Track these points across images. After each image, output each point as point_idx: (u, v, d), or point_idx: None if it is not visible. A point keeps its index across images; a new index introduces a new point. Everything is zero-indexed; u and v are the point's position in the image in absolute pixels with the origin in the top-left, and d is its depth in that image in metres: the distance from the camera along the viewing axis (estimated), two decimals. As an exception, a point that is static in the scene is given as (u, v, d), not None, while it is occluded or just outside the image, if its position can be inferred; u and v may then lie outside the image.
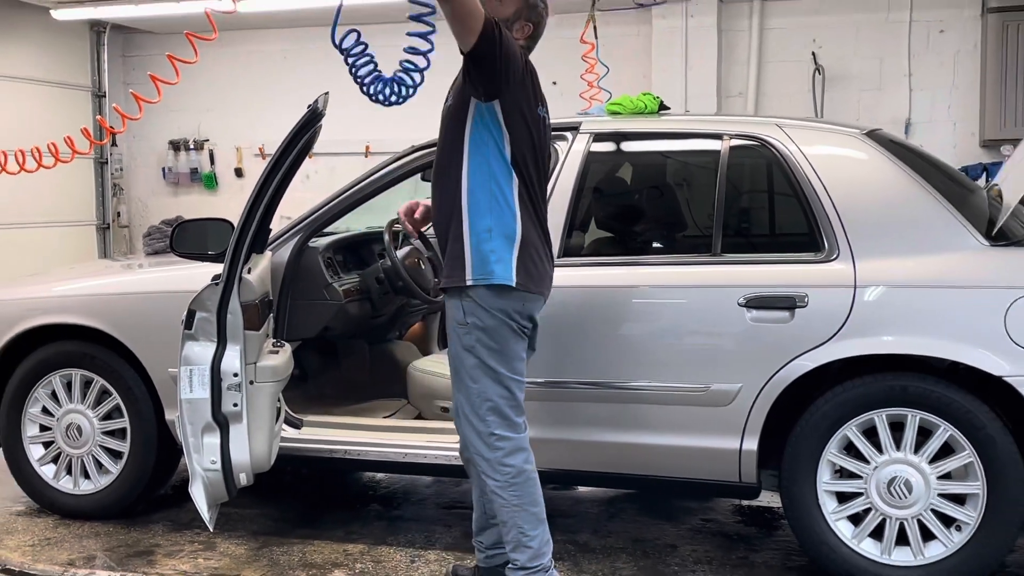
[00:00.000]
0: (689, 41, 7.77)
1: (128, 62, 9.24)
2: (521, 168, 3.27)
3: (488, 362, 3.27)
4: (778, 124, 3.97)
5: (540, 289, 3.35)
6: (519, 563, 3.31)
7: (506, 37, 3.13)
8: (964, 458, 3.53)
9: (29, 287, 4.80)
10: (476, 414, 3.31)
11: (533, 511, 3.32)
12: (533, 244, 3.30)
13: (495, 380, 3.28)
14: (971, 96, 7.52)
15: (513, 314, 3.27)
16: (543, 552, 3.33)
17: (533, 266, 3.29)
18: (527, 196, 3.30)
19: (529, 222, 3.30)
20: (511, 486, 3.30)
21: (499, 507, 3.33)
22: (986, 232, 3.66)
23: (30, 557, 4.14)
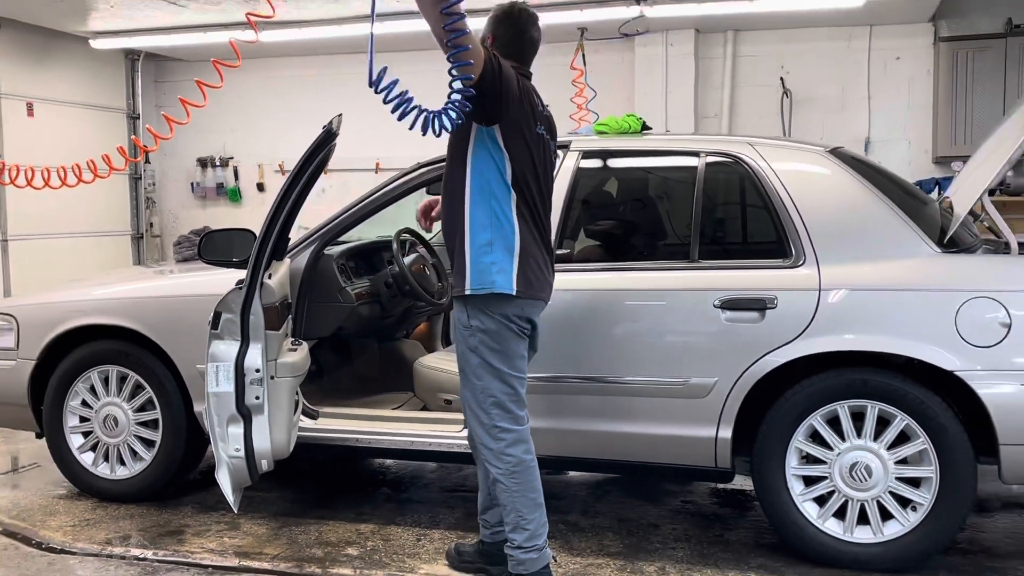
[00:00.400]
0: (669, 67, 7.78)
1: (160, 87, 9.24)
2: (521, 185, 3.26)
3: (491, 361, 3.27)
4: (750, 142, 3.97)
5: (540, 295, 3.34)
6: (516, 542, 3.32)
7: (503, 67, 3.12)
8: (919, 445, 3.54)
9: (70, 291, 4.79)
10: (481, 408, 3.31)
11: (531, 496, 3.32)
12: (532, 254, 3.29)
13: (498, 377, 3.28)
14: (924, 117, 7.54)
15: (513, 318, 3.27)
16: (539, 534, 3.33)
17: (533, 274, 3.28)
18: (527, 210, 3.29)
19: (528, 234, 3.29)
20: (512, 474, 3.30)
21: (501, 492, 3.34)
22: (938, 240, 3.67)
23: (71, 536, 4.13)
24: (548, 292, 3.41)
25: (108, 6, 6.73)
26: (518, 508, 3.31)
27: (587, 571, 3.69)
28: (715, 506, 4.50)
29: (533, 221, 3.32)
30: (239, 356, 3.71)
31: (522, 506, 3.31)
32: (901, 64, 7.60)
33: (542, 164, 3.36)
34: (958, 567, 3.72)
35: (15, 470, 5.25)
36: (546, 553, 3.35)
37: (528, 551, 3.31)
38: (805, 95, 7.75)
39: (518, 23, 3.38)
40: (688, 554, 3.87)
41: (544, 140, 3.38)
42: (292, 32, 7.31)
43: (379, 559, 3.83)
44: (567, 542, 3.99)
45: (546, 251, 3.41)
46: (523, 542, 3.31)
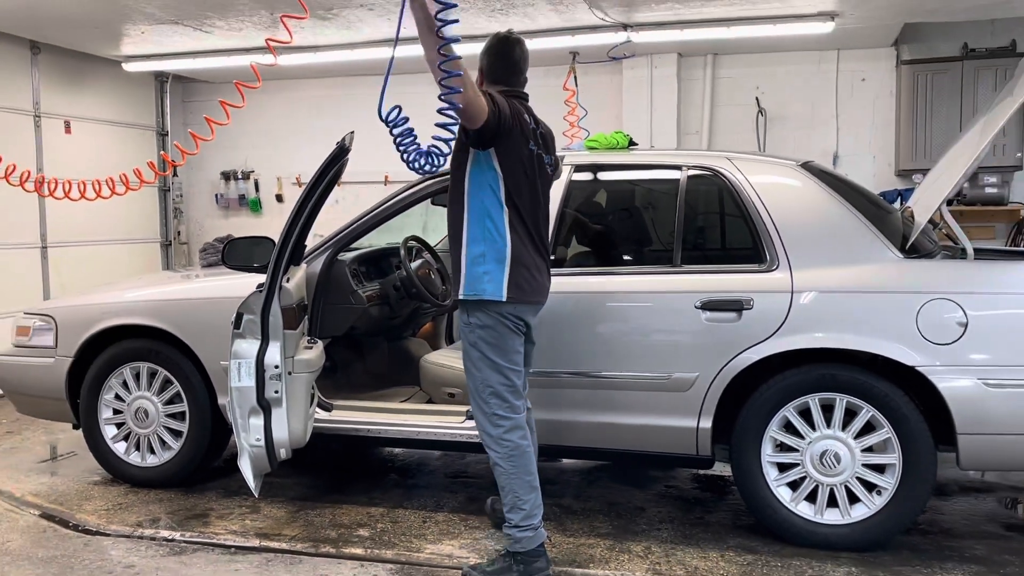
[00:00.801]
0: (653, 88, 7.77)
1: (187, 106, 9.22)
2: (514, 200, 3.27)
3: (488, 355, 3.29)
4: (728, 157, 3.97)
5: (531, 299, 3.34)
6: (513, 522, 3.32)
7: (501, 107, 3.16)
8: (883, 434, 3.54)
9: (104, 294, 4.78)
10: (480, 397, 3.33)
11: (527, 479, 3.32)
12: (524, 262, 3.30)
13: (495, 369, 3.30)
14: (887, 134, 7.53)
15: (507, 316, 3.28)
16: (534, 514, 3.33)
17: (524, 281, 3.29)
18: (519, 223, 3.30)
19: (520, 244, 3.29)
20: (509, 458, 3.31)
21: (499, 475, 3.34)
22: (901, 247, 3.67)
23: (105, 519, 4.12)
24: (542, 295, 3.41)
25: (139, 32, 6.72)
26: (515, 489, 3.31)
27: (579, 550, 3.69)
28: (696, 491, 4.50)
29: (526, 232, 3.32)
30: (260, 353, 3.71)
31: (518, 487, 3.31)
32: (866, 85, 7.60)
33: (534, 178, 3.36)
34: (919, 546, 3.72)
35: (54, 458, 5.24)
36: (540, 532, 3.34)
37: (524, 530, 3.31)
38: (778, 113, 7.75)
39: (500, 50, 3.42)
40: (672, 535, 3.86)
41: (536, 156, 3.37)
42: (308, 56, 7.30)
43: (388, 540, 3.82)
44: (561, 524, 3.99)
45: (540, 257, 3.40)
46: (519, 521, 3.31)
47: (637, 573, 3.46)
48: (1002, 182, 6.82)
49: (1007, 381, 3.41)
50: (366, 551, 3.70)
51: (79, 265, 7.75)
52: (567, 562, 3.56)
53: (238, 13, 6.10)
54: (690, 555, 3.63)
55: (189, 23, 6.41)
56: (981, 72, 6.84)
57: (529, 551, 3.32)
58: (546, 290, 3.44)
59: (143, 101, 8.71)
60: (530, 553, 3.32)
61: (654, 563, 3.55)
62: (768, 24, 6.37)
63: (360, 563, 3.60)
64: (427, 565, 3.57)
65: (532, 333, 3.46)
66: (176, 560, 3.66)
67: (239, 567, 3.58)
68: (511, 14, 6.11)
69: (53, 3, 5.91)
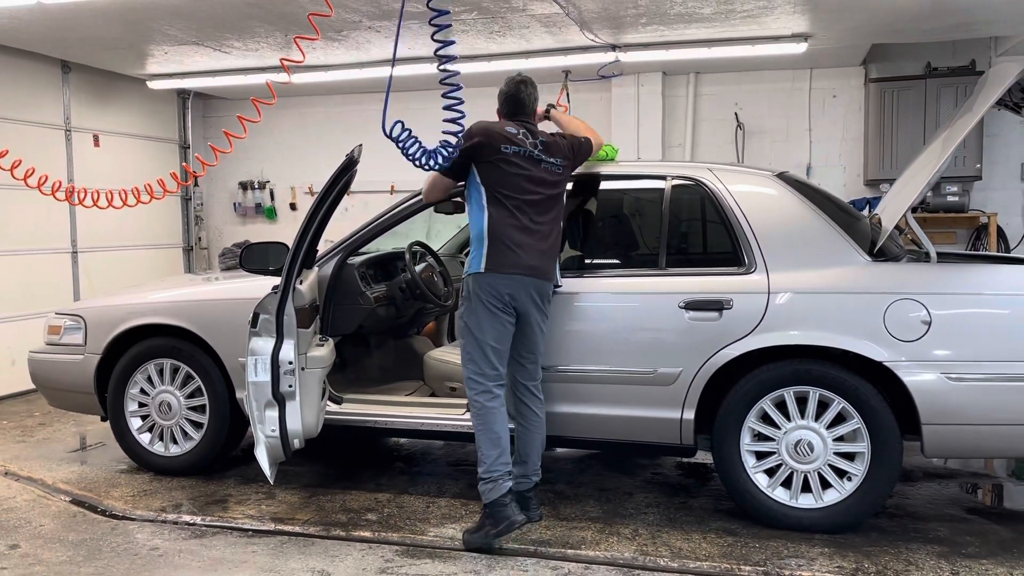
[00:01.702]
0: (640, 104, 7.77)
1: (207, 121, 9.21)
2: (499, 199, 3.52)
3: (470, 326, 3.53)
4: (709, 168, 3.97)
5: (505, 270, 3.49)
6: (479, 474, 3.51)
7: (469, 154, 3.49)
8: (853, 425, 3.54)
9: (130, 295, 4.78)
10: (463, 363, 3.58)
11: (490, 437, 3.49)
12: (504, 240, 3.49)
13: (472, 339, 3.52)
14: (857, 146, 7.54)
15: (484, 290, 3.46)
16: (495, 469, 3.48)
17: (502, 255, 3.48)
18: (507, 213, 3.51)
19: (504, 227, 3.49)
20: (478, 415, 3.53)
21: (474, 430, 3.55)
22: (869, 250, 3.68)
23: (130, 504, 4.11)
24: (520, 269, 3.52)
25: (163, 52, 6.71)
26: (480, 444, 3.51)
27: (572, 533, 3.68)
28: (680, 477, 4.50)
29: (511, 216, 3.51)
30: (275, 350, 3.70)
31: (483, 442, 3.49)
32: (837, 101, 7.60)
33: (521, 174, 3.53)
34: (887, 528, 3.72)
35: (83, 448, 5.23)
36: (501, 485, 3.45)
37: (485, 482, 3.47)
38: (756, 127, 7.75)
39: (509, 90, 3.72)
40: (658, 518, 3.86)
41: (526, 155, 3.55)
42: (320, 75, 7.29)
43: (394, 523, 3.81)
44: (555, 508, 3.98)
45: (528, 237, 3.54)
46: (482, 473, 3.48)
47: (625, 554, 3.46)
48: (963, 191, 6.83)
49: (968, 375, 3.41)
50: (374, 534, 3.69)
51: (107, 268, 7.73)
52: (560, 544, 3.56)
53: (254, 35, 6.09)
54: (675, 537, 3.63)
55: (209, 44, 6.40)
56: (943, 89, 6.85)
57: (492, 501, 3.45)
58: (529, 267, 3.53)
59: (166, 116, 8.69)
60: (494, 503, 3.45)
61: (641, 545, 3.55)
62: (746, 45, 6.37)
63: (368, 545, 3.59)
64: (430, 547, 3.56)
65: (529, 317, 3.56)
66: (197, 543, 3.65)
67: (256, 549, 3.58)
68: (508, 35, 6.11)
69: (83, 26, 5.90)
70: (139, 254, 8.25)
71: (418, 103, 4.66)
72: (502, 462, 3.49)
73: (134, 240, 8.16)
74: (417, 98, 4.95)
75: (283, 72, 4.99)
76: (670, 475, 4.53)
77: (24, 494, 4.32)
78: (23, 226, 6.89)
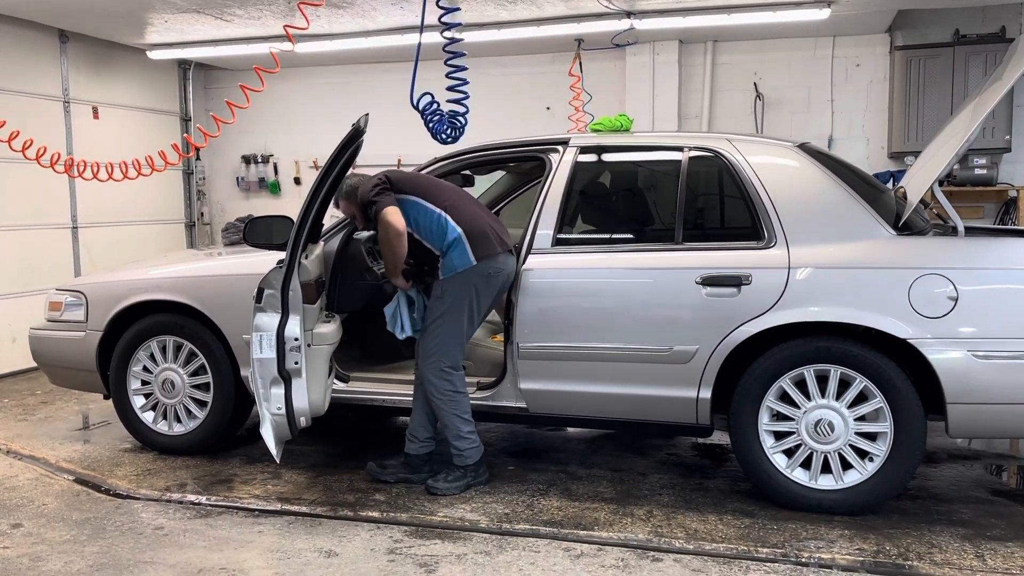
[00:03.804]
0: (656, 74, 7.70)
1: (208, 92, 9.18)
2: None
3: (451, 324, 3.89)
4: (728, 139, 3.94)
5: (496, 250, 3.84)
6: (458, 442, 3.98)
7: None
8: (875, 404, 3.53)
9: (132, 271, 4.79)
10: (435, 357, 3.90)
11: (466, 416, 3.95)
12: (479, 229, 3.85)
13: (454, 337, 3.91)
14: (881, 117, 7.45)
15: (480, 283, 3.82)
16: (475, 435, 3.96)
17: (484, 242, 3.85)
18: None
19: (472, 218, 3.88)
20: (452, 402, 3.91)
21: (443, 411, 3.92)
22: (893, 224, 3.64)
23: (135, 484, 4.15)
24: (503, 246, 3.90)
25: (163, 21, 6.68)
26: (455, 423, 3.92)
27: (584, 514, 3.69)
28: (696, 458, 4.50)
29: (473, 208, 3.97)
30: (280, 327, 3.71)
31: (459, 422, 3.93)
32: (860, 70, 7.51)
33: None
34: (909, 510, 3.71)
35: (86, 427, 5.27)
36: (480, 447, 4.01)
37: (470, 443, 3.96)
38: (775, 98, 7.67)
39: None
40: (673, 499, 3.87)
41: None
42: (325, 44, 7.25)
43: (403, 503, 3.83)
44: (567, 489, 3.99)
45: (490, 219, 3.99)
46: (466, 434, 3.95)
47: (640, 535, 3.47)
48: (991, 163, 6.75)
49: (995, 353, 3.39)
50: (382, 514, 3.71)
51: (108, 244, 7.76)
52: (572, 525, 3.57)
53: (257, 2, 6.05)
54: (690, 518, 3.64)
55: (210, 12, 6.36)
56: (972, 57, 6.75)
57: (480, 459, 3.98)
58: (504, 242, 3.93)
59: (167, 87, 8.67)
60: (480, 461, 3.99)
61: (656, 526, 3.56)
62: (767, 11, 6.30)
63: (376, 525, 3.61)
64: (440, 527, 3.58)
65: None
66: (203, 522, 3.68)
67: (262, 529, 3.60)
68: (519, 2, 6.05)
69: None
70: (141, 230, 8.27)
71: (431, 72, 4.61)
72: (475, 431, 3.98)
73: (136, 215, 8.18)
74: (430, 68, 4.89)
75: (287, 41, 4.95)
76: (685, 456, 4.53)
77: (27, 473, 4.36)
78: (22, 200, 6.91)
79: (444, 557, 3.30)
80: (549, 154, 4.09)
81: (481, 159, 4.32)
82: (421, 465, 4.08)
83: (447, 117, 3.18)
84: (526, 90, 7.95)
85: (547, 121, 7.84)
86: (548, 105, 7.88)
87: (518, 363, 3.90)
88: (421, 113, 3.00)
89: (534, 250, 3.93)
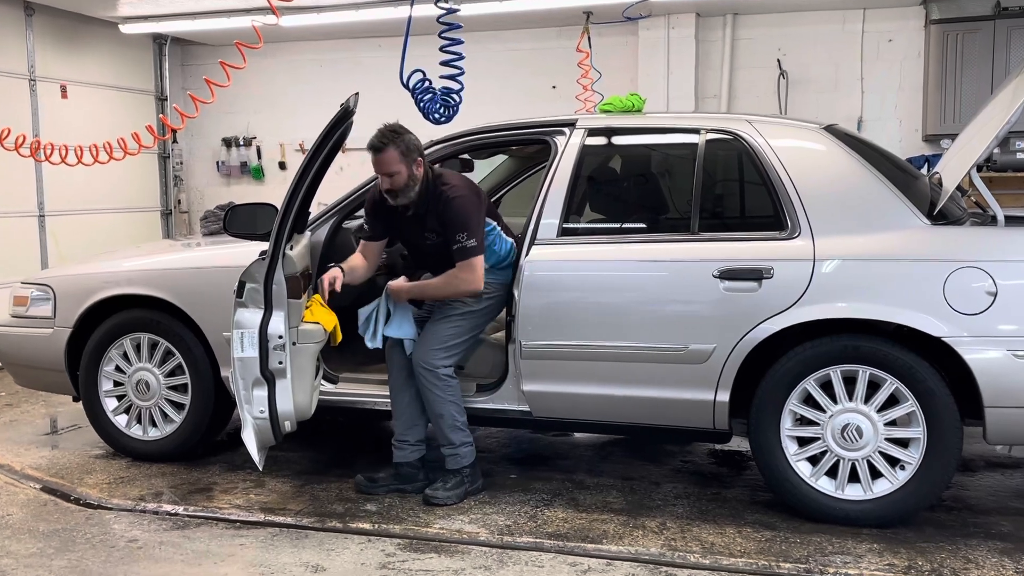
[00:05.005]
0: (671, 50, 7.70)
1: (186, 70, 9.20)
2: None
3: (473, 329, 4.02)
4: (748, 120, 3.93)
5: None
6: (452, 446, 4.03)
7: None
8: (907, 407, 3.53)
9: (104, 263, 4.80)
10: (440, 361, 3.95)
11: (464, 417, 4.02)
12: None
13: (471, 343, 4.07)
14: (915, 97, 7.45)
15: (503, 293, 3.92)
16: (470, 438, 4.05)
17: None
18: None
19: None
20: (456, 405, 3.97)
21: (436, 414, 3.98)
22: (928, 213, 3.64)
23: (107, 493, 4.16)
24: None
25: (136, -8, 6.70)
26: (448, 428, 3.97)
27: (592, 526, 3.70)
28: (713, 466, 4.50)
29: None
30: (263, 323, 3.71)
31: (454, 428, 3.97)
32: (893, 46, 7.50)
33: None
34: (943, 523, 3.72)
35: (55, 432, 5.28)
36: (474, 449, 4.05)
37: (467, 446, 4.01)
38: (800, 76, 7.67)
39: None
40: (688, 510, 3.87)
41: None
42: (311, 17, 7.25)
43: (395, 515, 3.84)
44: (573, 499, 4.00)
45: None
46: (466, 438, 4.00)
47: (652, 549, 3.47)
48: (1034, 147, 6.75)
49: (1037, 353, 3.39)
50: (374, 526, 3.72)
51: (77, 234, 7.78)
52: (579, 537, 3.58)
53: (238, -29, 6.06)
54: (706, 531, 3.64)
55: (188, -18, 6.37)
56: (1014, 32, 6.74)
57: (474, 460, 4.01)
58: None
59: (141, 65, 8.68)
60: (475, 463, 4.01)
61: (669, 539, 3.57)
62: (791, -19, 6.29)
63: (368, 538, 3.63)
64: (436, 540, 3.59)
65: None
66: (180, 534, 3.69)
67: (244, 542, 3.61)
68: (522, -29, 6.05)
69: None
70: (113, 218, 8.29)
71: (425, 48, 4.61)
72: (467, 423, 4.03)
73: (107, 203, 8.19)
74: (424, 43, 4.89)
75: (271, 13, 4.95)
76: (701, 463, 4.54)
77: (-10, 481, 4.37)
78: (-16, 187, 6.93)
79: (440, 572, 3.30)
80: (555, 137, 4.09)
81: (481, 142, 4.32)
82: (414, 474, 4.07)
83: (439, 95, 3.16)
84: (530, 67, 7.95)
85: (553, 101, 7.84)
86: (554, 84, 7.89)
87: (520, 363, 3.90)
88: (411, 91, 2.99)
89: (538, 241, 3.93)
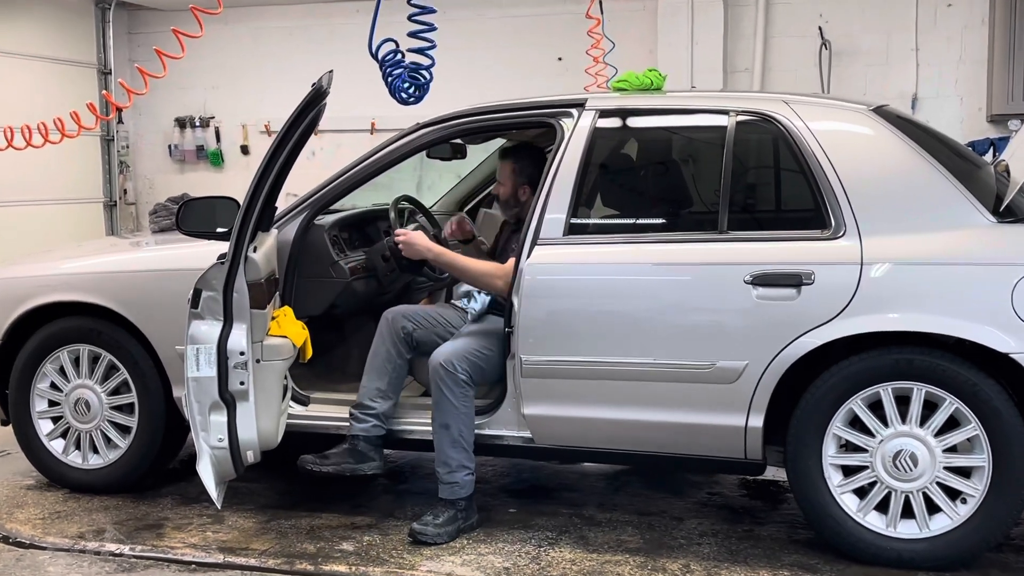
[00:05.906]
0: (695, 16, 7.71)
1: (134, 39, 9.22)
2: None
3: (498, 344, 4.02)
4: (785, 100, 3.94)
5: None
6: (454, 474, 4.02)
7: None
8: (970, 431, 3.54)
9: (37, 265, 4.80)
10: (462, 367, 3.96)
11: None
12: None
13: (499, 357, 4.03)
14: (978, 71, 7.47)
15: None
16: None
17: None
18: None
19: None
20: (465, 420, 3.97)
21: (438, 434, 4.00)
22: (993, 208, 3.65)
23: (40, 530, 4.16)
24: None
25: (75, -51, 6.71)
26: (450, 451, 3.97)
27: (604, 568, 3.71)
28: (744, 499, 4.51)
29: None
30: (222, 338, 3.72)
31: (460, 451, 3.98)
32: (953, 12, 7.53)
33: None
34: (1011, 565, 3.73)
35: (-21, 459, 5.28)
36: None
37: (468, 472, 3.98)
38: (845, 47, 7.69)
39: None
40: (715, 550, 3.88)
41: None
42: (278, -22, 7.28)
43: (376, 555, 3.85)
44: (583, 537, 4.01)
45: None
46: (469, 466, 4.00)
47: (673, 597, 3.48)
48: (1117, 130, 6.77)
49: (1120, 370, 3.40)
50: (350, 568, 3.73)
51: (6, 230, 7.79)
52: (589, 584, 3.59)
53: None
54: (737, 574, 3.65)
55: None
56: (1093, -4, 6.77)
57: (472, 492, 4.00)
58: None
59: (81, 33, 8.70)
60: (471, 496, 4.01)
61: (693, 585, 3.58)
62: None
63: (343, 584, 3.63)
64: (423, 587, 3.60)
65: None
66: (125, 580, 3.70)
67: (200, 588, 3.62)
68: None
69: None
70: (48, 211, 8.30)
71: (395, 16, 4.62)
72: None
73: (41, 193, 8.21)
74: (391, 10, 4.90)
75: (231, -25, 4.95)
76: (731, 495, 4.55)
77: (-95, 517, 4.37)
78: None
79: (428, 624, 3.31)
80: (561, 119, 4.10)
81: (476, 125, 4.32)
82: (370, 453, 4.06)
83: (407, 71, 3.15)
84: (532, 38, 7.97)
85: (558, 76, 7.86)
86: (559, 56, 7.91)
87: (521, 382, 3.91)
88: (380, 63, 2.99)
89: (541, 240, 3.93)
